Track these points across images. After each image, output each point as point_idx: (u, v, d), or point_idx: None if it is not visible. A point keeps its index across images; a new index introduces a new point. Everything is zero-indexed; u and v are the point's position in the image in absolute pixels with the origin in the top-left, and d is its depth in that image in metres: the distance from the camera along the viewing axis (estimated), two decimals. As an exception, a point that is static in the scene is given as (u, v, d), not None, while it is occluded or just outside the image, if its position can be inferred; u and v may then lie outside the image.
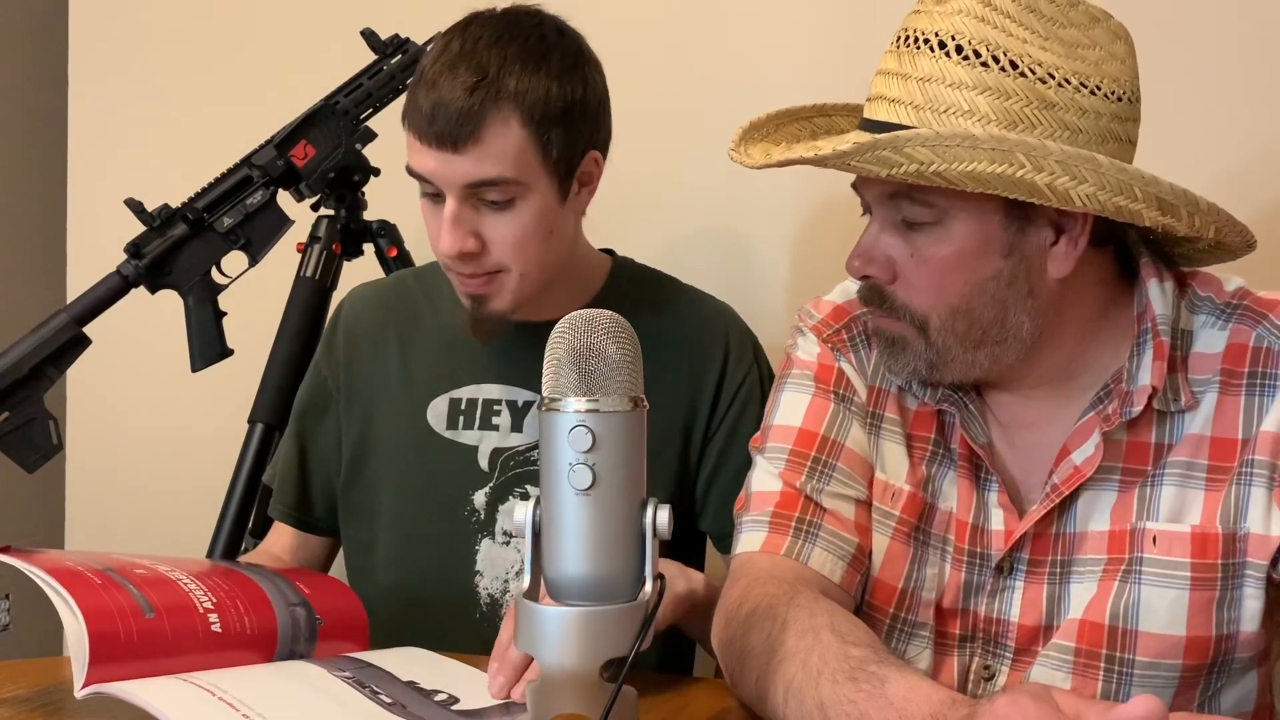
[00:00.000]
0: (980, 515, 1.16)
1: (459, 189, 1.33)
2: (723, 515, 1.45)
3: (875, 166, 1.04)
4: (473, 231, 1.35)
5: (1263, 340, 1.11)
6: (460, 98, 1.30)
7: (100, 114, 2.25)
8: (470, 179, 1.32)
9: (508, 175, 1.32)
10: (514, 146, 1.32)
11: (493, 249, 1.36)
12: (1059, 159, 1.01)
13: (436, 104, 1.31)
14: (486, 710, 1.07)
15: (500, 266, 1.37)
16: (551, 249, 1.40)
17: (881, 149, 1.02)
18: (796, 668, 0.98)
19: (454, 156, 1.31)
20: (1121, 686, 1.10)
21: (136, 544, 2.09)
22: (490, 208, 1.34)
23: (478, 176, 1.32)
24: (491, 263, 1.37)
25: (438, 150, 1.31)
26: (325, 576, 1.42)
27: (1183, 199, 1.05)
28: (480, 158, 1.31)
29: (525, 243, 1.36)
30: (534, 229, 1.36)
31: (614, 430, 0.85)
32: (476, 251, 1.35)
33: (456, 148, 1.31)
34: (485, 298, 1.39)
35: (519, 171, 1.33)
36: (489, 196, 1.33)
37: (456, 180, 1.32)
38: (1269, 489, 1.08)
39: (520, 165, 1.33)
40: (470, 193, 1.33)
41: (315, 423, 1.57)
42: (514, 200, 1.34)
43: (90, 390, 2.25)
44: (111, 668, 1.03)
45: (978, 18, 1.05)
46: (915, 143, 1.01)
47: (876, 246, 1.12)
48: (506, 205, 1.34)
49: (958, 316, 1.10)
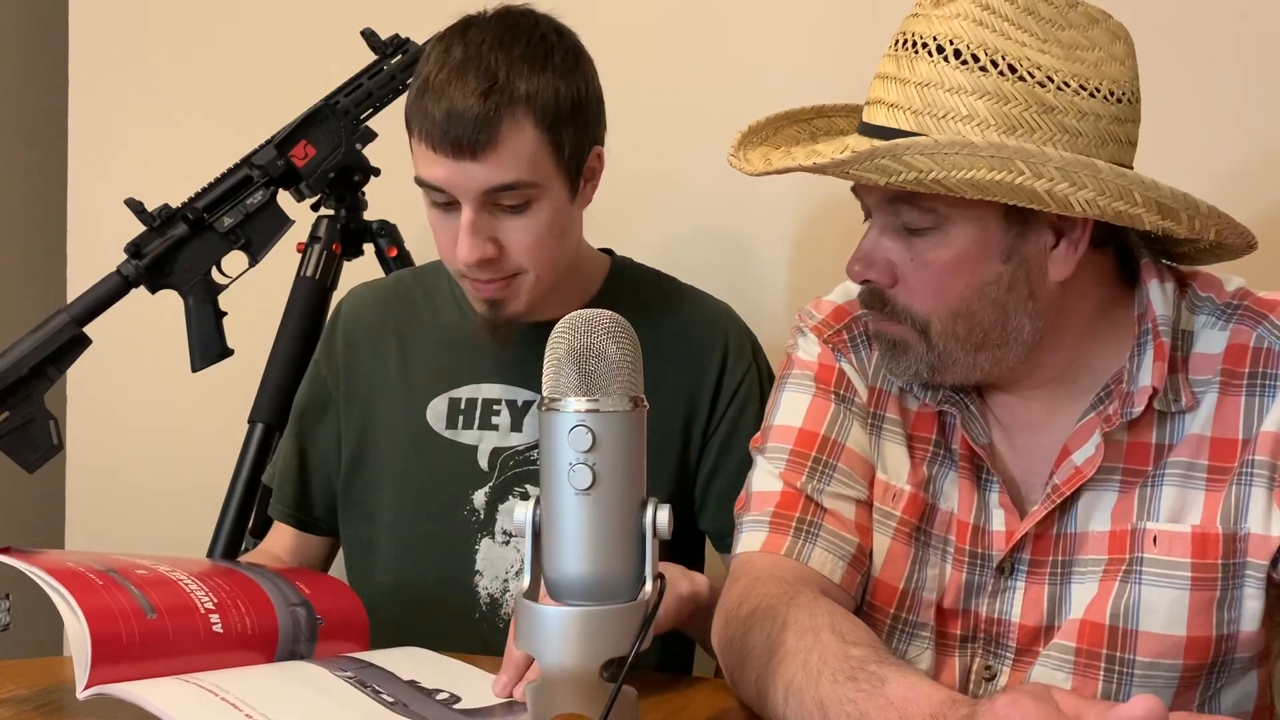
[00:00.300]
0: (981, 516, 1.16)
1: (476, 196, 1.32)
2: (722, 514, 1.45)
3: (874, 175, 1.04)
4: (491, 238, 1.34)
5: (1263, 340, 1.11)
6: (474, 104, 1.29)
7: (100, 114, 2.25)
8: (488, 185, 1.31)
9: (525, 179, 1.32)
10: (529, 149, 1.32)
11: (511, 253, 1.36)
12: (1058, 165, 1.01)
13: (449, 112, 1.29)
14: (488, 709, 1.07)
15: (518, 270, 1.37)
16: (564, 248, 1.40)
17: (880, 157, 1.02)
18: (796, 667, 0.98)
19: (471, 164, 1.30)
20: (1122, 686, 1.10)
21: (136, 544, 2.08)
22: (507, 212, 1.34)
23: (496, 182, 1.31)
24: (510, 266, 1.37)
25: (454, 159, 1.31)
26: (325, 576, 1.42)
27: (1182, 202, 1.05)
28: (497, 163, 1.31)
29: (541, 244, 1.36)
30: (549, 229, 1.36)
31: (614, 430, 0.85)
32: (495, 257, 1.35)
33: (475, 155, 1.30)
34: (503, 301, 1.39)
35: (534, 174, 1.33)
36: (506, 201, 1.33)
37: (474, 188, 1.32)
38: (1269, 489, 1.08)
39: (535, 167, 1.32)
40: (487, 199, 1.33)
41: (315, 423, 1.57)
42: (530, 203, 1.34)
43: (90, 390, 2.25)
44: (113, 668, 1.03)
45: (976, 21, 1.05)
46: (914, 150, 1.01)
47: (877, 251, 1.12)
48: (523, 208, 1.34)
49: (959, 320, 1.11)
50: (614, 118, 1.45)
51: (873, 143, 1.05)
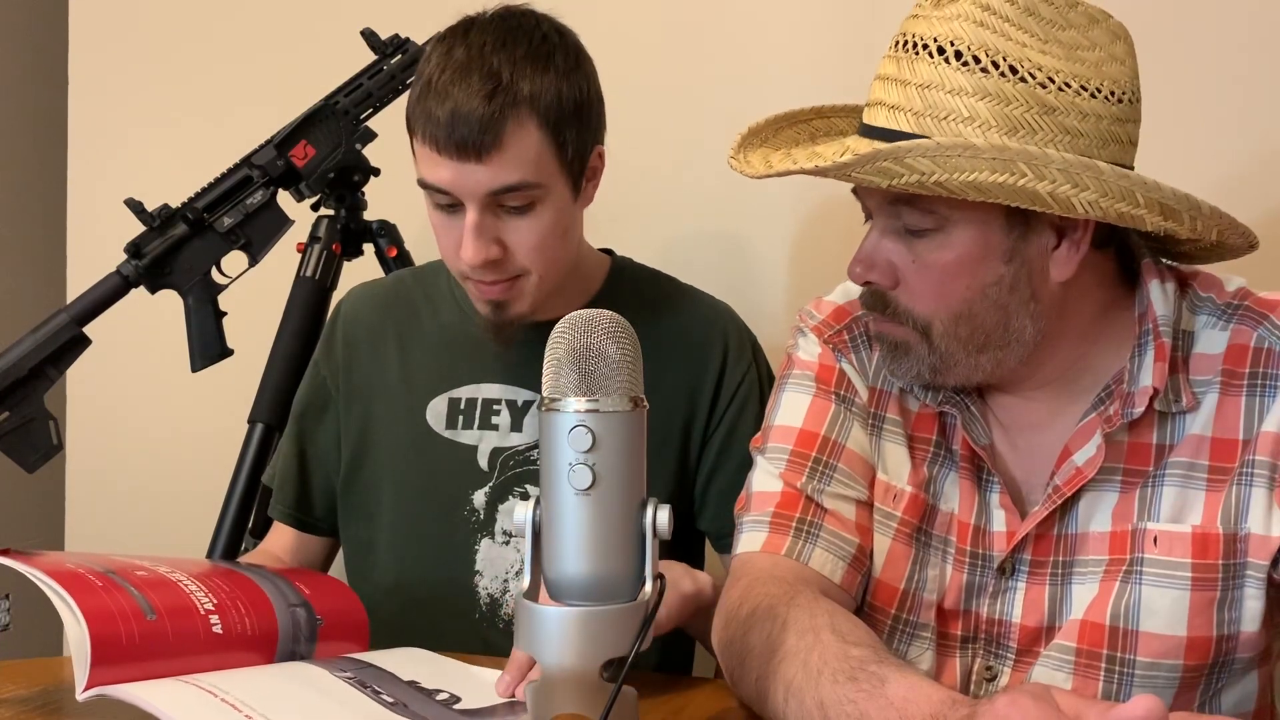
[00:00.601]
0: (982, 516, 1.16)
1: (480, 198, 1.32)
2: (720, 515, 1.45)
3: (876, 177, 1.03)
4: (495, 239, 1.34)
5: (1264, 341, 1.11)
6: (478, 106, 1.29)
7: (100, 114, 2.25)
8: (492, 186, 1.31)
9: (529, 179, 1.32)
10: (533, 150, 1.32)
11: (515, 254, 1.36)
12: (1060, 167, 1.01)
13: (454, 113, 1.29)
14: (489, 709, 1.07)
15: (522, 271, 1.37)
16: (567, 248, 1.40)
17: (882, 160, 1.02)
18: (797, 667, 0.98)
19: (476, 166, 1.30)
20: (1122, 687, 1.10)
21: (136, 544, 2.09)
22: (511, 213, 1.34)
23: (500, 183, 1.31)
24: (514, 268, 1.37)
25: (458, 161, 1.30)
26: (326, 577, 1.41)
27: (1185, 203, 1.04)
28: (502, 165, 1.30)
29: (545, 245, 1.36)
30: (553, 230, 1.36)
31: (614, 430, 0.85)
32: (499, 259, 1.35)
33: (480, 157, 1.30)
34: (507, 303, 1.39)
35: (539, 174, 1.33)
36: (510, 202, 1.33)
37: (479, 189, 1.31)
38: (1269, 489, 1.08)
39: (539, 168, 1.33)
40: (492, 200, 1.32)
41: (315, 422, 1.57)
42: (534, 204, 1.34)
43: (90, 390, 2.25)
44: (113, 669, 1.03)
45: (976, 22, 1.05)
46: (916, 153, 1.01)
47: (878, 253, 1.12)
48: (527, 209, 1.34)
49: (960, 322, 1.10)
50: (614, 117, 1.45)
51: (874, 145, 1.05)
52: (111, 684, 1.02)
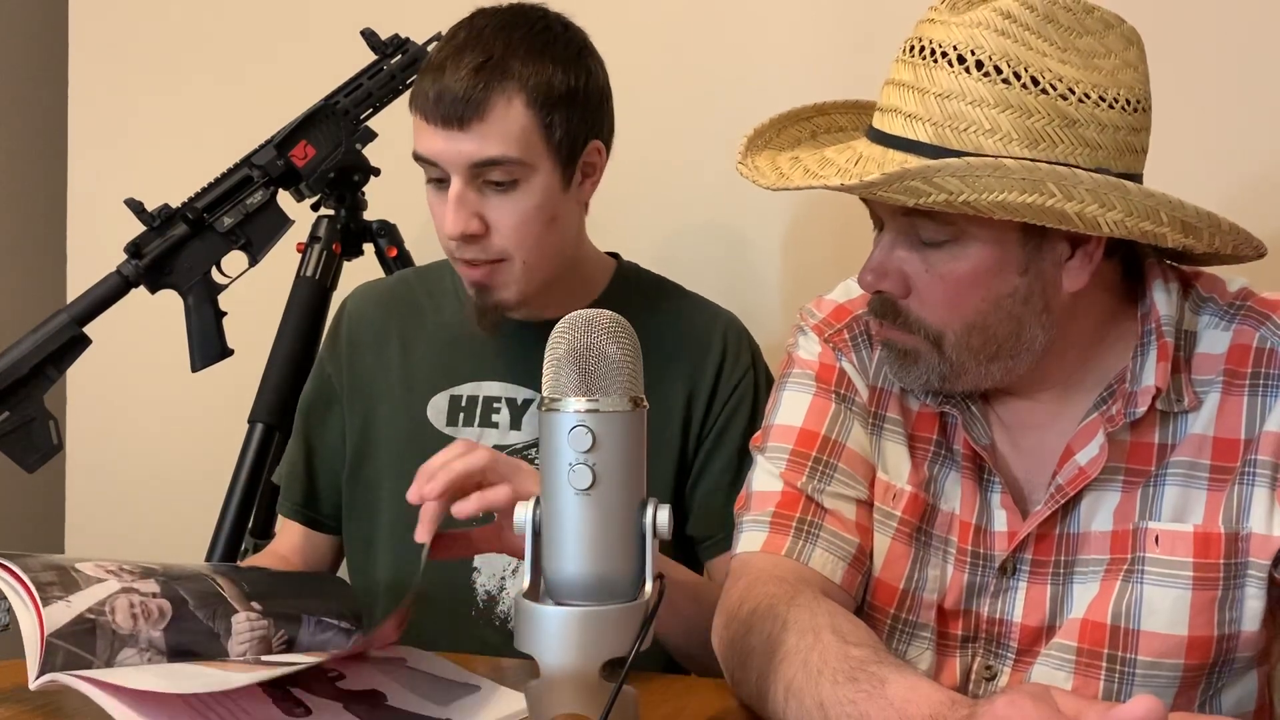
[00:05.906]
0: (983, 516, 1.16)
1: (464, 169, 1.35)
2: (701, 520, 1.45)
3: (903, 196, 1.02)
4: (476, 213, 1.36)
5: (1266, 341, 1.10)
6: (465, 78, 1.33)
7: (100, 114, 2.26)
8: (475, 158, 1.34)
9: (511, 155, 1.34)
10: (517, 126, 1.34)
11: (496, 232, 1.37)
12: (1089, 187, 1.00)
13: (443, 85, 1.34)
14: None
15: (503, 254, 1.38)
16: (553, 237, 1.40)
17: (911, 179, 1.00)
18: (797, 667, 0.98)
19: (459, 135, 1.33)
20: (1123, 686, 1.10)
21: (136, 544, 2.09)
22: (494, 190, 1.36)
23: (482, 155, 1.34)
24: (495, 249, 1.38)
25: (444, 130, 1.34)
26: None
27: (1206, 221, 1.04)
28: (484, 136, 1.33)
29: (527, 226, 1.37)
30: (536, 213, 1.37)
31: (614, 430, 0.85)
32: (480, 234, 1.37)
33: (462, 126, 1.33)
34: (490, 288, 1.41)
35: (522, 151, 1.35)
36: (493, 177, 1.35)
37: (461, 160, 1.34)
38: (1271, 489, 1.08)
39: (523, 145, 1.34)
40: (475, 173, 1.35)
41: (320, 420, 1.57)
42: (517, 182, 1.36)
43: (90, 390, 2.25)
44: None
45: (998, 30, 1.03)
46: (946, 173, 0.99)
47: (890, 261, 1.11)
48: (510, 187, 1.36)
49: (973, 332, 1.10)
50: (616, 115, 1.45)
51: (888, 153, 1.03)
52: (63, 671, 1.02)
